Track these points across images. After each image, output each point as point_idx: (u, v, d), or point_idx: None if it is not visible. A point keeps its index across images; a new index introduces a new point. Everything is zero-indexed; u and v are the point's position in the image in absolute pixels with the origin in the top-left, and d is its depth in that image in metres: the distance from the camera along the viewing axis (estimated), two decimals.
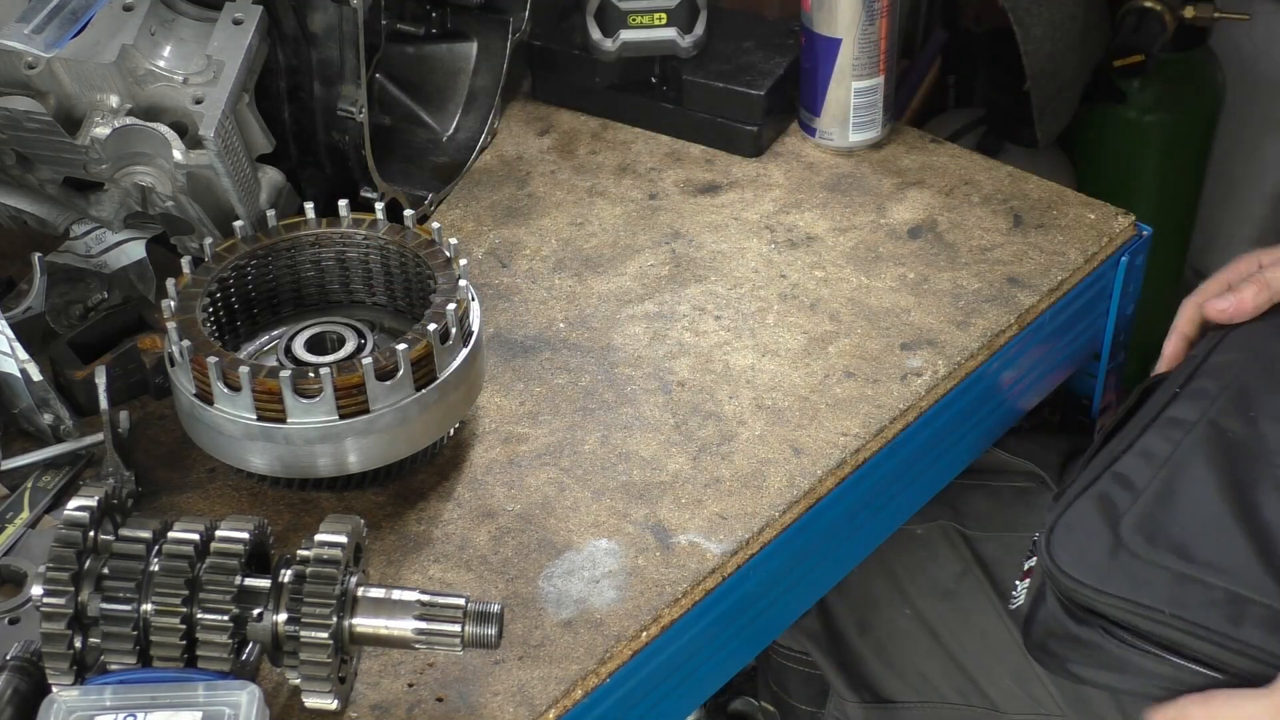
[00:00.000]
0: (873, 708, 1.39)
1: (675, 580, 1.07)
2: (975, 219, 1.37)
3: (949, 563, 1.38)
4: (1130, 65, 1.87)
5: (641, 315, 1.29)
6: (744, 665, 1.23)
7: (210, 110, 1.14)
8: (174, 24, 1.18)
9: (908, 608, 1.38)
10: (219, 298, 1.14)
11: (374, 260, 1.18)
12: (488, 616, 0.95)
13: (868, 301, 1.29)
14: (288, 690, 1.00)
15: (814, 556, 1.17)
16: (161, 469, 1.16)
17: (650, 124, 1.49)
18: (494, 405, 1.21)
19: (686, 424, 1.19)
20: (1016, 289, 1.29)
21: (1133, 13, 1.86)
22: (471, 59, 1.47)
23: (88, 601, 0.93)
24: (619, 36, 1.44)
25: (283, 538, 1.11)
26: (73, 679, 0.92)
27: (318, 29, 1.22)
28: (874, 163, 1.45)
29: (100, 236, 1.26)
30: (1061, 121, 1.81)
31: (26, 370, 1.14)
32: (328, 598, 0.92)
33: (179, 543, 0.94)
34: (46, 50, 1.15)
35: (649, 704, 1.07)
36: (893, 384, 1.21)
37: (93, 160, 1.16)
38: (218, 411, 1.06)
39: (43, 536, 1.10)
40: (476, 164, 1.46)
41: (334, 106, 1.25)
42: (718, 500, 1.13)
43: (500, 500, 1.13)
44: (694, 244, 1.36)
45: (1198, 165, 2.13)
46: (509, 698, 1.00)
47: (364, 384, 1.04)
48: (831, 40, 1.39)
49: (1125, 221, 1.36)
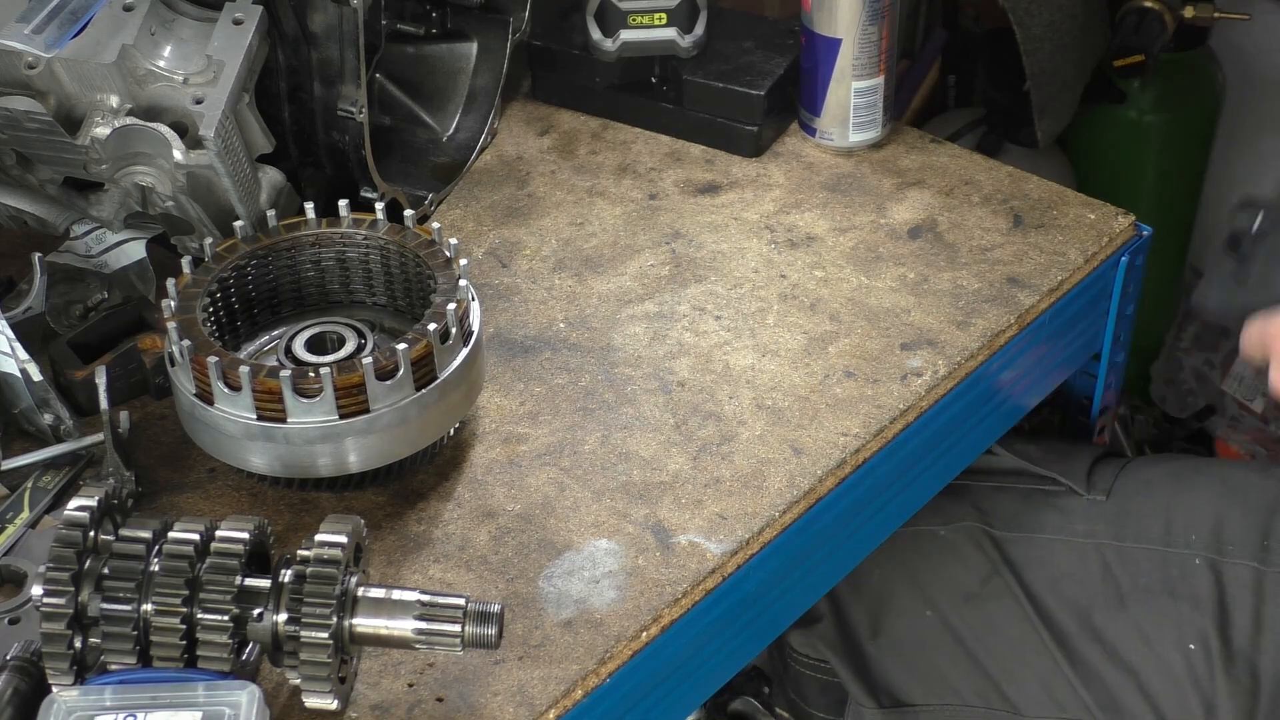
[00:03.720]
0: (891, 713, 1.39)
1: (675, 580, 1.07)
2: (975, 219, 1.37)
3: (975, 565, 1.37)
4: (1130, 65, 1.87)
5: (641, 315, 1.29)
6: (744, 665, 1.23)
7: (210, 110, 1.14)
8: (174, 24, 1.18)
9: (929, 610, 1.38)
10: (219, 298, 1.14)
11: (374, 260, 1.18)
12: (488, 616, 0.95)
13: (868, 301, 1.29)
14: (288, 690, 1.00)
15: (814, 556, 1.17)
16: (162, 469, 1.16)
17: (650, 124, 1.49)
18: (494, 405, 1.21)
19: (686, 424, 1.19)
20: (1016, 289, 1.29)
21: (1133, 13, 1.86)
22: (471, 59, 1.47)
23: (88, 601, 0.93)
24: (619, 36, 1.44)
25: (283, 538, 1.11)
26: (73, 679, 0.92)
27: (318, 29, 1.22)
28: (874, 163, 1.45)
29: (100, 236, 1.26)
30: (1061, 121, 1.81)
31: (27, 370, 1.14)
32: (328, 598, 0.92)
33: (179, 543, 0.94)
34: (47, 50, 1.15)
35: (649, 704, 1.07)
36: (893, 384, 1.21)
37: (93, 160, 1.16)
38: (218, 411, 1.06)
39: (43, 536, 1.10)
40: (476, 164, 1.46)
41: (334, 106, 1.25)
42: (718, 500, 1.13)
43: (500, 500, 1.13)
44: (694, 244, 1.36)
45: (1198, 165, 2.13)
46: (509, 698, 1.00)
47: (364, 384, 1.04)
48: (832, 40, 1.39)
49: (1125, 221, 1.36)
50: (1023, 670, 1.33)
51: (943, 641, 1.37)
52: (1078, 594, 1.33)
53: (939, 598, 1.37)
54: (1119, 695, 1.29)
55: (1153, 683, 1.29)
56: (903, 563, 1.38)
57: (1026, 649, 1.33)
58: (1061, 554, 1.35)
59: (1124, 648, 1.30)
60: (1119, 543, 1.33)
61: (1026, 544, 1.36)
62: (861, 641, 1.40)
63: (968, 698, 1.36)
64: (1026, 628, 1.33)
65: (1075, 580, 1.33)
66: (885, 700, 1.39)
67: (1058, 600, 1.33)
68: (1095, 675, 1.31)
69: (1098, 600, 1.32)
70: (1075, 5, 1.74)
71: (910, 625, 1.39)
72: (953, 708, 1.37)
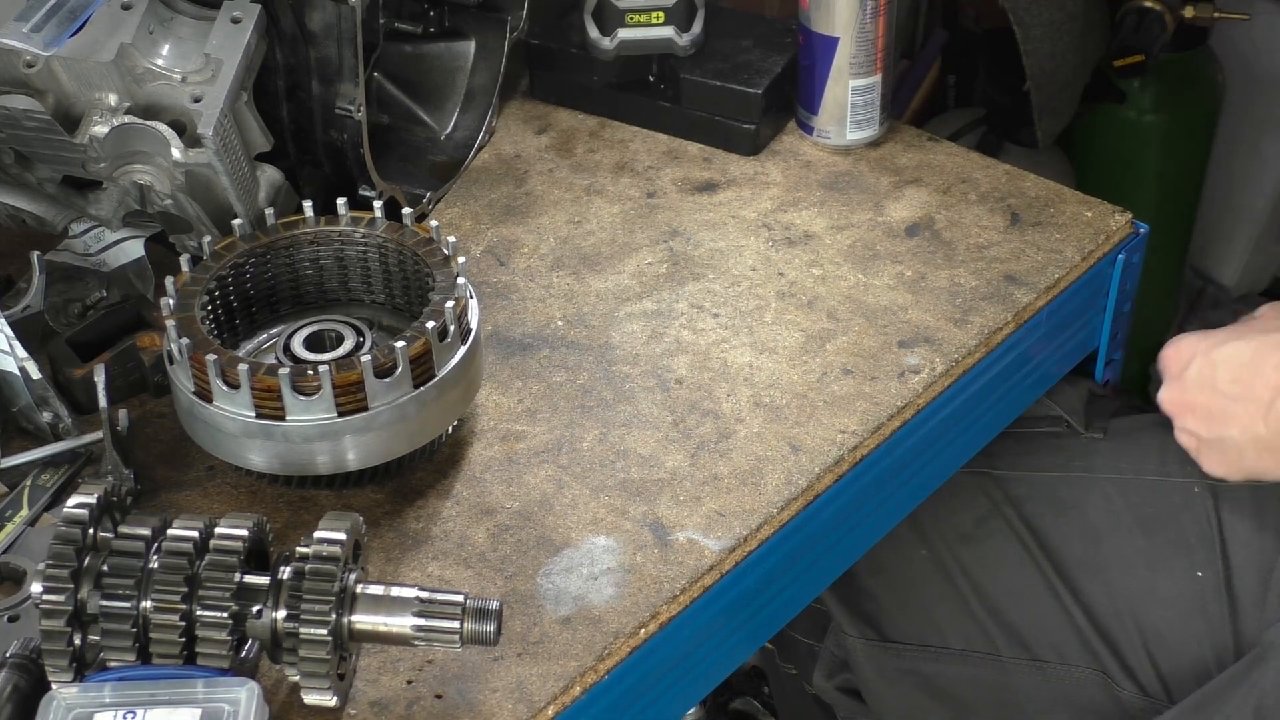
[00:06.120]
0: (875, 645, 1.39)
1: (673, 577, 1.07)
2: (973, 217, 1.37)
3: (975, 506, 1.38)
4: (1130, 65, 1.88)
5: (639, 313, 1.29)
6: (743, 662, 1.23)
7: (209, 109, 1.14)
8: (172, 22, 1.19)
9: (925, 549, 1.38)
10: (218, 296, 1.14)
11: (372, 258, 1.18)
12: (486, 613, 0.95)
13: (865, 299, 1.29)
14: (287, 687, 1.00)
15: (812, 553, 1.17)
16: (161, 467, 1.16)
17: (648, 122, 1.49)
18: (492, 403, 1.21)
19: (685, 421, 1.19)
20: (1014, 287, 1.30)
21: (1133, 13, 1.86)
22: (469, 57, 1.48)
23: (87, 599, 0.93)
24: (617, 35, 1.44)
25: (282, 535, 1.11)
26: (72, 676, 0.92)
27: (316, 27, 1.22)
28: (871, 161, 1.45)
29: (99, 235, 1.26)
30: (1061, 121, 1.81)
31: (25, 368, 1.14)
32: (327, 594, 0.93)
33: (178, 540, 0.94)
34: (45, 49, 1.16)
35: (647, 701, 1.07)
36: (890, 381, 1.21)
37: (91, 159, 1.16)
38: (217, 409, 1.06)
39: (42, 534, 1.11)
40: (474, 162, 1.46)
41: (332, 105, 1.25)
42: (716, 497, 1.13)
43: (499, 498, 1.13)
44: (692, 242, 1.36)
45: (1198, 165, 2.14)
46: (508, 694, 1.00)
47: (362, 382, 1.04)
48: (829, 39, 1.39)
49: (1122, 219, 1.36)
50: (1019, 610, 1.34)
51: (935, 581, 1.37)
52: (1081, 526, 1.34)
53: (935, 537, 1.38)
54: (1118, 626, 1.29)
55: (1152, 612, 1.29)
56: None
57: (1023, 585, 1.33)
58: (1062, 488, 1.36)
59: (1128, 578, 1.30)
60: (1119, 475, 1.35)
61: (1028, 483, 1.38)
62: (860, 576, 1.40)
63: (951, 640, 1.36)
64: (1027, 564, 1.34)
65: (1078, 513, 1.35)
66: (870, 633, 1.39)
67: (1060, 534, 1.34)
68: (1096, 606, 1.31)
69: (1102, 531, 1.33)
70: (1075, 5, 1.74)
71: (906, 562, 1.39)
72: (934, 650, 1.37)
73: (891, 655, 1.39)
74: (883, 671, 1.40)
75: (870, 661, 1.40)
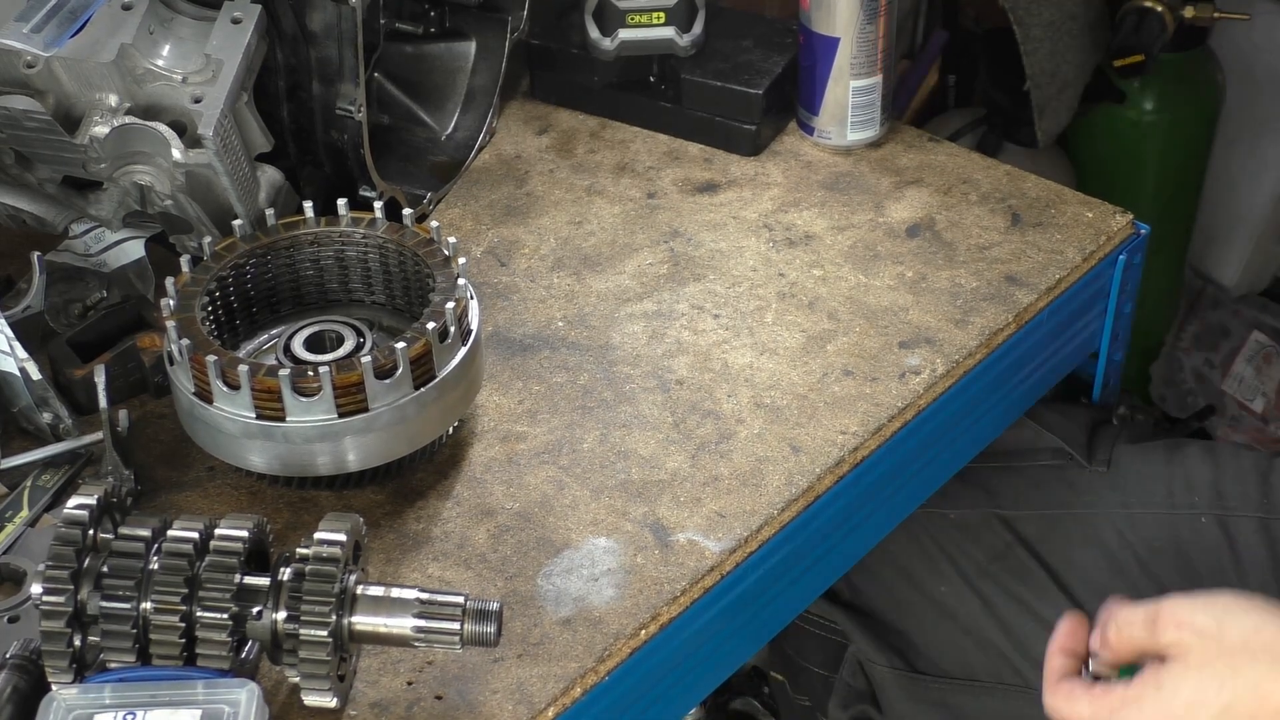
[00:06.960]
0: (904, 675, 1.39)
1: (674, 578, 1.07)
2: (973, 218, 1.37)
3: (988, 545, 1.38)
4: (1130, 65, 1.87)
5: (640, 314, 1.29)
6: (743, 663, 1.23)
7: (209, 109, 1.14)
8: (173, 23, 1.19)
9: (944, 585, 1.38)
10: (218, 296, 1.14)
11: (373, 259, 1.18)
12: (487, 614, 0.95)
13: (866, 300, 1.29)
14: (287, 688, 1.00)
15: (813, 554, 1.17)
16: (161, 467, 1.16)
17: (649, 123, 1.49)
18: (493, 404, 1.21)
19: (685, 422, 1.19)
20: (1014, 287, 1.30)
21: (1133, 13, 1.86)
22: (470, 58, 1.48)
23: (87, 600, 0.93)
24: (617, 35, 1.44)
25: (282, 536, 1.11)
26: (72, 677, 0.92)
27: (316, 28, 1.22)
28: (872, 161, 1.45)
29: (99, 235, 1.26)
30: (1061, 121, 1.81)
31: (26, 369, 1.14)
32: (327, 596, 0.92)
33: (178, 541, 0.94)
34: (45, 49, 1.16)
35: (648, 702, 1.07)
36: (891, 382, 1.21)
37: (92, 159, 1.16)
38: (217, 410, 1.06)
39: (42, 535, 1.11)
40: (475, 163, 1.46)
41: (333, 105, 1.25)
42: (716, 498, 1.13)
43: (499, 498, 1.13)
44: (692, 243, 1.36)
45: (1198, 165, 2.13)
46: (508, 695, 1.00)
47: (363, 382, 1.04)
48: (830, 39, 1.39)
49: (1123, 220, 1.36)
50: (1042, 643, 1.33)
51: (958, 614, 1.37)
52: (1093, 560, 1.33)
53: (953, 575, 1.38)
54: None
55: None
56: (915, 538, 1.38)
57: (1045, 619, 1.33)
58: (1072, 526, 1.36)
59: None
60: (1126, 510, 1.34)
61: (1037, 521, 1.37)
62: (882, 613, 1.40)
63: (979, 673, 1.36)
64: (1045, 599, 1.33)
65: (1089, 548, 1.34)
66: (899, 663, 1.40)
67: (1074, 570, 1.34)
68: None
69: (1115, 564, 1.32)
70: (1075, 5, 1.74)
71: (927, 601, 1.39)
72: (963, 683, 1.37)
73: (921, 686, 1.39)
74: (912, 701, 1.40)
75: (900, 691, 1.40)
